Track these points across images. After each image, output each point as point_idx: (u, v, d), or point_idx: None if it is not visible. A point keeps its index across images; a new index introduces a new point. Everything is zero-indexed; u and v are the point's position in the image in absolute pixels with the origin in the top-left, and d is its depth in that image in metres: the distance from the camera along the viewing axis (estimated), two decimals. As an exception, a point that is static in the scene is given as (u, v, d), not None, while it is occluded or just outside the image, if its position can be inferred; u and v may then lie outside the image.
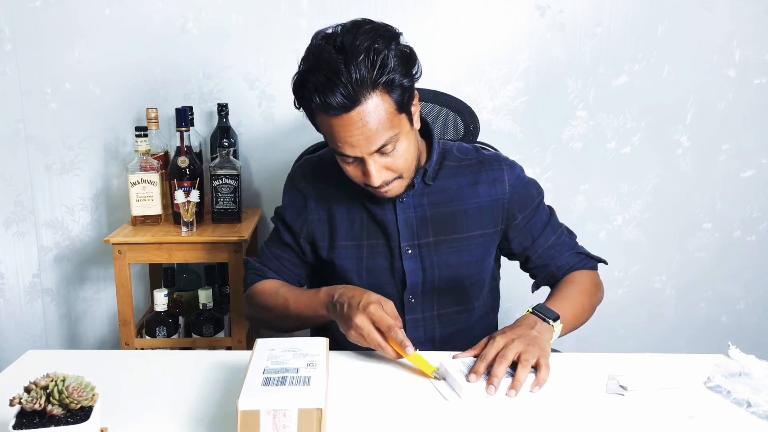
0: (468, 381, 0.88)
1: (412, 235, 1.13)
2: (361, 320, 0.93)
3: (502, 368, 0.89)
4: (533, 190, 1.19)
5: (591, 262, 1.22)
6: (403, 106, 0.99)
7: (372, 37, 0.93)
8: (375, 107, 0.94)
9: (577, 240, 1.24)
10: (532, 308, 1.03)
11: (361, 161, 1.00)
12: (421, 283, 1.13)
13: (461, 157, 1.17)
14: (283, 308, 1.10)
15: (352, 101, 0.92)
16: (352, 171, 1.03)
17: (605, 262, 1.25)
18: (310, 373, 0.74)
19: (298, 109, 1.02)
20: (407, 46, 0.98)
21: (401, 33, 0.99)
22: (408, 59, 0.97)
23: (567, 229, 1.23)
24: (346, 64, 0.91)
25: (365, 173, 1.01)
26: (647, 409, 0.84)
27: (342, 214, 1.15)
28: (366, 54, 0.91)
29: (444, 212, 1.14)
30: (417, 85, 1.02)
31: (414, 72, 0.99)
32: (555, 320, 1.01)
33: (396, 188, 1.06)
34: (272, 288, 1.14)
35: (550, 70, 1.80)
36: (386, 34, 0.95)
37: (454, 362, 0.94)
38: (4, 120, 1.77)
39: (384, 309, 0.94)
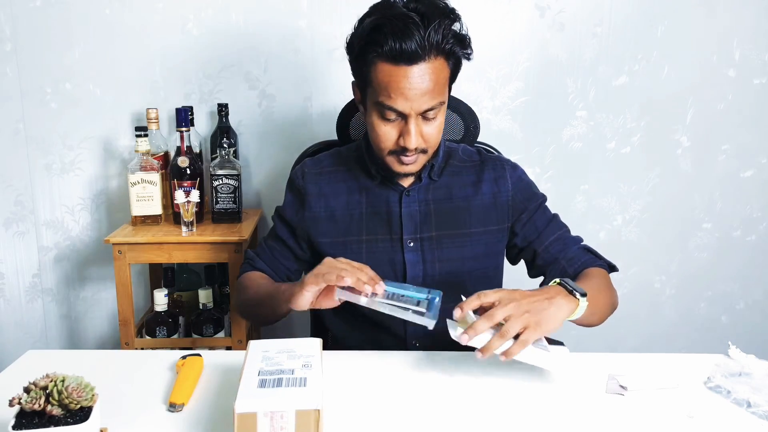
0: (463, 336, 0.88)
1: (415, 229, 1.14)
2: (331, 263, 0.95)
3: (496, 343, 0.86)
4: (536, 189, 1.22)
5: (602, 261, 1.18)
6: (452, 80, 1.06)
7: (446, 8, 1.00)
8: (436, 69, 0.99)
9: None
10: (560, 279, 0.97)
11: (402, 120, 1.02)
12: (421, 277, 1.14)
13: (465, 158, 1.20)
14: (258, 292, 1.13)
15: (423, 53, 0.97)
16: (387, 132, 1.04)
17: (616, 269, 1.19)
18: (305, 374, 0.74)
19: (352, 58, 1.05)
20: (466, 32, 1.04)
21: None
22: (466, 39, 1.03)
23: (578, 238, 1.22)
24: (423, 22, 0.96)
25: (403, 134, 1.03)
26: (647, 409, 0.84)
27: (341, 210, 1.16)
28: (441, 20, 0.97)
29: (447, 208, 1.15)
30: None
31: (469, 52, 1.04)
32: (583, 296, 0.94)
33: (417, 163, 1.08)
34: (255, 276, 1.20)
35: (550, 70, 1.80)
36: (455, 12, 1.01)
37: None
38: (4, 120, 1.77)
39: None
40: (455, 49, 1.01)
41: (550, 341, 0.95)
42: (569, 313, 0.93)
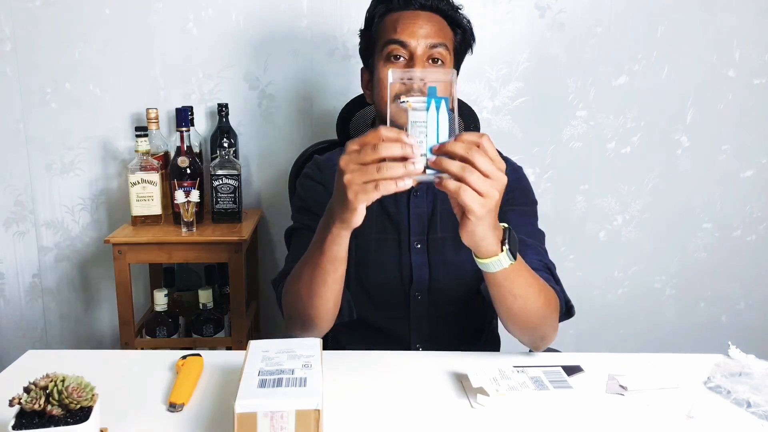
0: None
1: (422, 230, 1.14)
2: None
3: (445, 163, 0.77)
4: (529, 195, 1.19)
5: (560, 292, 1.05)
6: (456, 54, 1.13)
7: (452, 1, 1.13)
8: (441, 23, 1.10)
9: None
10: (508, 227, 0.89)
11: (410, 62, 1.07)
12: (427, 279, 1.13)
13: None
14: (308, 259, 0.95)
15: (431, 4, 1.09)
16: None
17: (572, 313, 1.06)
18: (305, 374, 0.74)
19: (362, 34, 1.16)
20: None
21: None
22: (469, 27, 1.15)
23: (550, 261, 1.11)
24: None
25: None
26: (647, 409, 0.84)
27: None
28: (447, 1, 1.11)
29: (451, 209, 1.13)
30: None
31: (470, 38, 1.15)
32: (511, 253, 0.86)
33: None
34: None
35: (550, 70, 1.80)
36: (461, 7, 1.14)
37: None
38: (4, 120, 1.77)
39: None
40: (461, 21, 1.12)
41: (569, 370, 0.92)
42: (488, 241, 0.85)
